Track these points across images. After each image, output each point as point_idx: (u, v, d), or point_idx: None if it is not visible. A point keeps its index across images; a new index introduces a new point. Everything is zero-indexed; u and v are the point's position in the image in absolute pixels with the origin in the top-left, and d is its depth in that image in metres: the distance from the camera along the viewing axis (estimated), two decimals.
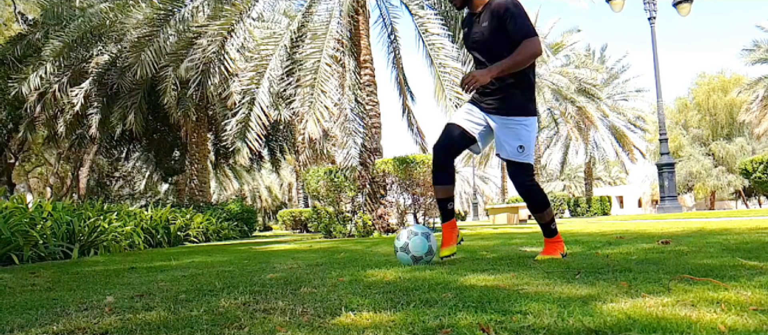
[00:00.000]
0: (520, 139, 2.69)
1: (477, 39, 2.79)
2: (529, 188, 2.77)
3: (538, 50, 2.59)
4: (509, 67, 2.59)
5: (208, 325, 1.41)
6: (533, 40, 2.57)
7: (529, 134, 2.72)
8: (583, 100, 25.03)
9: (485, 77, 2.57)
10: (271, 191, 44.40)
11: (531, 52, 2.58)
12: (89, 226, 5.96)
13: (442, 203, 2.85)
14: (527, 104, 2.71)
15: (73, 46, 12.60)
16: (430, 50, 9.47)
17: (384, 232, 8.74)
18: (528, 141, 2.71)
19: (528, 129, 2.71)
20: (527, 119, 2.71)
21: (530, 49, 2.56)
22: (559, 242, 2.85)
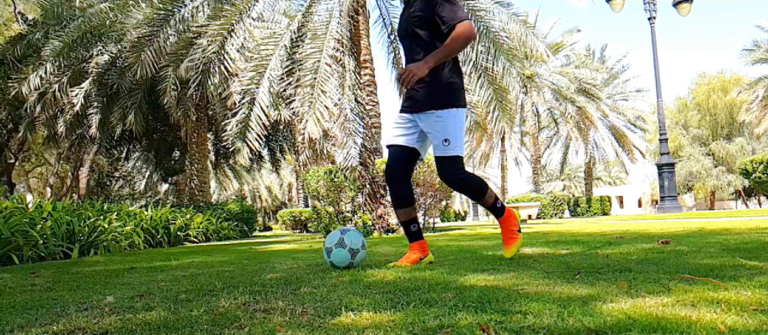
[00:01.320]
0: (445, 132, 2.60)
1: (405, 27, 2.72)
2: (463, 181, 2.69)
3: (472, 34, 2.53)
4: (445, 55, 2.53)
5: (208, 325, 1.41)
6: (466, 23, 2.51)
7: (455, 126, 2.62)
8: (583, 100, 25.04)
9: (422, 70, 2.50)
10: (271, 191, 44.39)
11: (465, 37, 2.51)
12: (89, 226, 5.96)
13: (405, 225, 2.82)
14: (451, 94, 2.63)
15: (73, 46, 12.60)
16: None
17: (384, 232, 8.74)
18: (454, 133, 2.62)
19: (454, 121, 2.62)
20: (451, 110, 2.62)
21: (464, 34, 2.50)
22: (511, 215, 2.79)
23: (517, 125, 26.62)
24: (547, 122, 28.62)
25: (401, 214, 2.79)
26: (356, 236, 2.75)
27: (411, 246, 2.82)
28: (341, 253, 2.70)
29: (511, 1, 9.82)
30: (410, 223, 2.79)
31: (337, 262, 2.71)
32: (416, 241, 2.81)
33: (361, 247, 2.73)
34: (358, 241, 2.73)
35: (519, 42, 10.13)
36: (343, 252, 2.69)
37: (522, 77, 18.83)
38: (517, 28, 9.84)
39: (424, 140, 2.77)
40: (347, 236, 2.71)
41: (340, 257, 2.70)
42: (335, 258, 2.71)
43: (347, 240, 2.70)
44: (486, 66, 9.83)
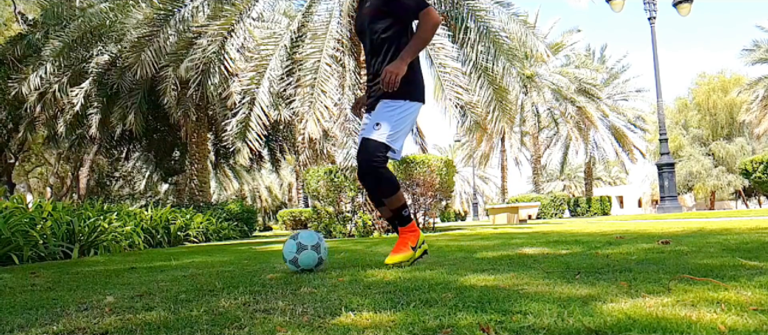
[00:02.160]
0: (382, 117, 2.50)
1: (362, 23, 2.66)
2: (374, 170, 2.50)
3: (438, 19, 2.47)
4: (418, 47, 2.48)
5: (208, 325, 1.41)
6: (429, 10, 2.44)
7: (395, 116, 2.50)
8: (583, 100, 25.05)
9: (401, 67, 2.43)
10: (271, 191, 44.40)
11: (432, 24, 2.46)
12: (89, 226, 5.96)
13: (390, 220, 2.77)
14: (404, 87, 2.51)
15: (73, 46, 12.61)
16: (430, 50, 9.48)
17: (384, 232, 8.74)
18: (391, 121, 2.48)
19: (398, 111, 2.50)
20: (399, 101, 2.52)
21: (430, 21, 2.45)
22: (416, 232, 2.60)
23: (517, 125, 26.63)
24: (547, 122, 28.63)
25: (382, 211, 2.71)
26: (308, 234, 2.72)
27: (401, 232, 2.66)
28: (308, 254, 2.65)
29: (511, 1, 9.84)
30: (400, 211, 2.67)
31: (306, 265, 2.66)
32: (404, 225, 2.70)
33: (319, 239, 2.69)
34: (312, 237, 2.69)
35: (519, 42, 10.13)
36: (309, 253, 2.65)
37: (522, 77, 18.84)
38: (517, 28, 9.84)
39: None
40: (301, 239, 2.67)
41: (308, 259, 2.65)
42: (304, 262, 2.65)
43: (304, 241, 2.67)
44: (486, 66, 9.83)
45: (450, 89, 9.19)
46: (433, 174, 8.61)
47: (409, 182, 8.74)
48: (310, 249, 2.66)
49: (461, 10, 9.87)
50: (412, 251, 2.56)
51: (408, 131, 2.60)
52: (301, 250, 2.66)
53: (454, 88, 9.17)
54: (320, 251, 2.67)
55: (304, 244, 2.67)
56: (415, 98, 2.57)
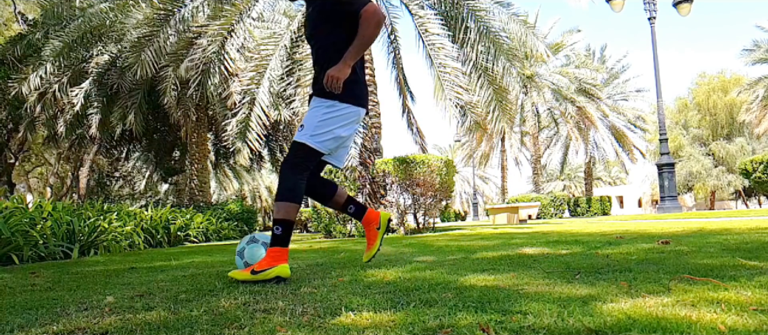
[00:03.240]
0: (307, 117, 2.40)
1: (311, 26, 2.54)
2: (283, 172, 2.37)
3: (381, 14, 2.32)
4: (361, 47, 2.35)
5: (208, 325, 1.41)
6: (369, 7, 2.31)
7: (320, 116, 2.37)
8: (583, 100, 25.05)
9: (344, 71, 2.31)
10: (271, 191, 44.39)
11: (375, 21, 2.31)
12: (89, 226, 5.96)
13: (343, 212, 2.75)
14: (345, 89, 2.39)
15: (73, 46, 12.61)
16: (430, 50, 9.48)
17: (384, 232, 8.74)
18: (314, 121, 2.36)
19: (323, 110, 2.37)
20: (328, 100, 2.38)
21: (373, 18, 2.31)
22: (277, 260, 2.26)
23: (517, 125, 26.64)
24: (547, 122, 28.64)
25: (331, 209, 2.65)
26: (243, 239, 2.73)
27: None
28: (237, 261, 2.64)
29: (511, 1, 9.84)
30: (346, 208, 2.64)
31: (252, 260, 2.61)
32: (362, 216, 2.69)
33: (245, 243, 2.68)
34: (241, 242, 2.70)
35: (519, 42, 10.13)
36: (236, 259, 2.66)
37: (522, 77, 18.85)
38: (517, 28, 9.84)
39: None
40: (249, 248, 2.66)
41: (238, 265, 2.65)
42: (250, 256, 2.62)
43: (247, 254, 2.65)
44: (486, 66, 9.83)
45: (450, 88, 9.19)
46: (433, 174, 8.61)
47: (409, 182, 8.73)
48: (236, 256, 2.66)
49: (461, 10, 9.87)
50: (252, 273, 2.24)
51: (341, 134, 2.41)
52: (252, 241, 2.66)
53: (454, 88, 9.17)
54: (244, 256, 2.61)
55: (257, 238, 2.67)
56: (347, 100, 2.39)
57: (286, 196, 2.32)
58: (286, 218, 2.31)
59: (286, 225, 2.31)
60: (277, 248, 2.29)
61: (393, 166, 8.75)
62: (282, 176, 2.37)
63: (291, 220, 2.32)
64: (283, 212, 2.30)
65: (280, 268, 2.24)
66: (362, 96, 2.47)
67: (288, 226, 2.31)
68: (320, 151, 2.36)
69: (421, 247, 4.32)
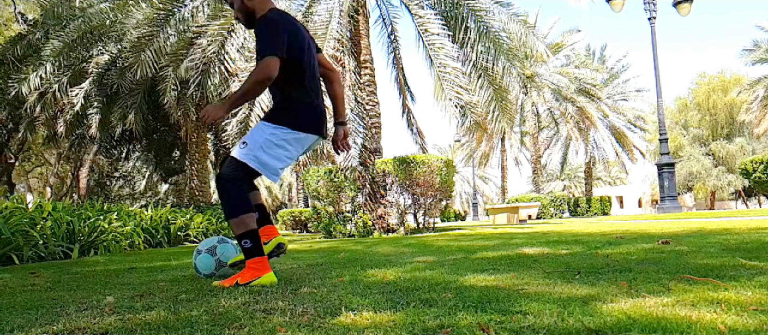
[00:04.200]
0: (248, 135, 2.43)
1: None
2: (222, 184, 2.39)
3: (268, 73, 2.25)
4: (239, 97, 2.36)
5: (208, 325, 1.41)
6: (265, 61, 2.25)
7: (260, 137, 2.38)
8: (583, 100, 25.05)
9: (218, 111, 2.34)
10: (271, 192, 44.40)
11: (256, 78, 2.26)
12: (89, 226, 5.96)
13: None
14: (276, 112, 2.45)
15: (73, 46, 12.60)
16: (430, 50, 9.48)
17: (384, 232, 8.74)
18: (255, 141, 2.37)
19: (264, 132, 2.39)
20: (268, 122, 2.42)
21: (257, 74, 2.26)
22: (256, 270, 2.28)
23: (517, 125, 26.65)
24: (547, 122, 28.63)
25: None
26: (208, 240, 2.72)
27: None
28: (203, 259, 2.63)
29: (511, 1, 9.83)
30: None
31: (204, 269, 2.64)
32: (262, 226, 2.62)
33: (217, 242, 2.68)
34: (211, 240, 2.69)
35: (519, 42, 10.13)
36: (204, 257, 2.64)
37: (522, 77, 18.84)
38: (517, 28, 9.84)
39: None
40: (201, 244, 2.68)
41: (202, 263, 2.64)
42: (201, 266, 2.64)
43: (201, 246, 2.67)
44: (486, 66, 9.83)
45: (450, 88, 9.19)
46: (433, 174, 8.61)
47: (409, 182, 8.73)
48: (204, 253, 2.64)
49: (461, 10, 9.87)
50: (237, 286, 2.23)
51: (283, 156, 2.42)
52: (197, 255, 2.66)
53: (454, 88, 9.17)
54: (216, 253, 2.62)
55: (200, 248, 2.66)
56: (287, 123, 2.40)
57: (236, 212, 2.32)
58: (247, 229, 2.31)
59: (251, 236, 2.31)
60: (255, 259, 2.29)
61: (393, 166, 8.74)
62: (223, 193, 2.37)
63: (253, 229, 2.33)
64: (242, 227, 2.30)
65: (266, 278, 2.26)
66: (311, 123, 2.47)
67: (254, 235, 2.32)
68: (258, 171, 2.38)
69: (421, 247, 4.32)
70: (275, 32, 2.31)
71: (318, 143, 2.57)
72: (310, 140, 2.50)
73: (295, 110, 2.46)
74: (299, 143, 2.47)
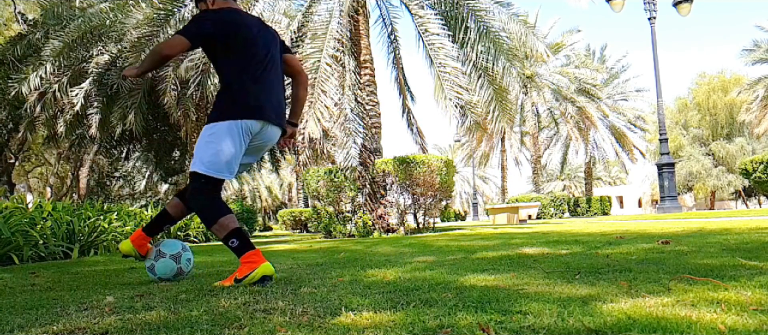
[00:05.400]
0: (196, 146, 2.48)
1: None
2: (190, 202, 2.48)
3: (166, 49, 2.39)
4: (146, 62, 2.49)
5: (208, 325, 1.41)
6: (172, 38, 2.41)
7: (204, 140, 2.45)
8: (583, 100, 25.05)
9: (131, 70, 2.51)
10: (271, 191, 44.40)
11: (157, 48, 2.43)
12: (89, 226, 5.96)
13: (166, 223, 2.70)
14: (215, 109, 2.50)
15: (73, 46, 12.59)
16: (430, 50, 9.48)
17: (384, 232, 8.74)
18: (201, 147, 2.44)
19: (206, 135, 2.46)
20: (208, 126, 2.47)
21: (157, 46, 2.44)
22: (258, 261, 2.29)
23: (517, 125, 26.64)
24: (547, 122, 28.63)
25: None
26: (172, 243, 2.69)
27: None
28: (165, 263, 2.58)
29: (511, 1, 9.83)
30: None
31: (163, 274, 2.58)
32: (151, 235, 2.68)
33: (181, 249, 2.64)
34: (176, 246, 2.65)
35: (519, 42, 10.13)
36: (166, 261, 2.58)
37: (522, 77, 18.85)
38: (517, 28, 9.84)
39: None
40: (162, 247, 2.63)
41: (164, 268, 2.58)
42: (161, 271, 2.58)
43: (164, 249, 2.61)
44: (486, 66, 9.83)
45: (450, 88, 9.19)
46: (433, 174, 8.61)
47: (409, 182, 8.74)
48: (168, 258, 2.59)
49: (461, 10, 9.87)
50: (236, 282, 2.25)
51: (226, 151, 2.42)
52: (158, 257, 2.59)
53: (454, 88, 9.17)
54: (180, 261, 2.59)
55: (163, 252, 2.60)
56: (217, 118, 2.46)
57: (213, 218, 2.36)
58: (229, 229, 2.34)
59: (236, 234, 2.34)
60: (246, 254, 2.30)
61: (393, 166, 8.74)
62: (195, 209, 2.47)
63: (235, 228, 2.35)
64: (224, 230, 2.33)
65: (262, 268, 2.26)
66: (243, 109, 2.48)
67: (238, 233, 2.34)
68: (213, 176, 2.40)
69: (421, 247, 4.32)
70: (196, 22, 2.46)
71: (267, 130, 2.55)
72: (250, 125, 2.48)
73: (223, 103, 2.52)
74: (236, 131, 2.45)
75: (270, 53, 2.62)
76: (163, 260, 2.58)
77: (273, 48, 2.65)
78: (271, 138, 2.60)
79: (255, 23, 2.64)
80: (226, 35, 2.48)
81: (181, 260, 2.61)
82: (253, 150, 2.60)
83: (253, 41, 2.55)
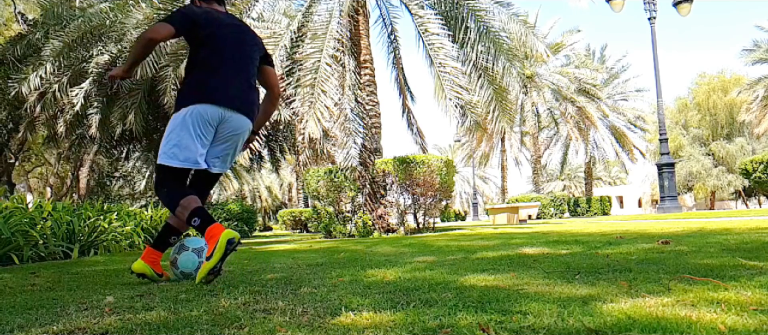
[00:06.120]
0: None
1: None
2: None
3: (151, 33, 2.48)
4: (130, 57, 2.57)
5: (208, 325, 1.41)
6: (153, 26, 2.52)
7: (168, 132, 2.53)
8: (583, 100, 25.05)
9: (117, 71, 2.58)
10: (271, 191, 44.39)
11: (142, 34, 2.52)
12: (89, 226, 5.96)
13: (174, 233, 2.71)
14: (179, 99, 2.57)
15: (73, 46, 12.59)
16: (430, 50, 9.48)
17: (384, 232, 8.74)
18: (165, 139, 2.51)
19: (170, 126, 2.54)
20: (172, 117, 2.55)
21: (142, 34, 2.53)
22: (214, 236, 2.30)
23: (517, 125, 26.63)
24: (547, 122, 28.63)
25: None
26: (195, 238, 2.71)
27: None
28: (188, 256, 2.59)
29: (511, 1, 9.83)
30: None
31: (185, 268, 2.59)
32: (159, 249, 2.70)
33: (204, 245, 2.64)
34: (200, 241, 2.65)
35: (519, 42, 10.13)
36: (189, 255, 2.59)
37: (522, 77, 18.85)
38: (517, 28, 9.84)
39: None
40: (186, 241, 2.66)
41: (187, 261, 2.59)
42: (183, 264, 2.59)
43: (187, 244, 2.63)
44: (486, 66, 9.82)
45: (450, 88, 9.19)
46: (433, 174, 8.61)
47: (409, 182, 8.73)
48: (191, 251, 2.60)
49: (461, 10, 9.87)
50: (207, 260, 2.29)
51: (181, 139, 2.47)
52: (181, 251, 2.60)
53: (454, 88, 9.17)
54: (202, 255, 2.57)
55: (186, 245, 2.62)
56: (179, 106, 2.52)
57: (175, 202, 2.43)
58: (191, 209, 2.39)
59: (197, 212, 2.38)
60: (208, 229, 2.32)
61: (393, 166, 8.74)
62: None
63: (196, 206, 2.40)
64: (185, 210, 2.39)
65: (224, 235, 2.26)
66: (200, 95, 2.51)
67: (199, 212, 2.39)
68: (172, 165, 2.45)
69: (421, 247, 4.32)
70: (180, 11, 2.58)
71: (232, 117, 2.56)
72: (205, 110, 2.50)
73: (181, 94, 2.62)
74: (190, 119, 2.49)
75: (244, 54, 2.68)
76: (185, 253, 2.60)
77: (250, 50, 2.72)
78: (239, 126, 2.61)
79: (232, 24, 2.72)
80: (202, 27, 2.57)
81: (203, 254, 2.60)
82: (223, 139, 2.62)
83: (224, 38, 2.62)
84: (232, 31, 2.67)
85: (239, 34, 2.70)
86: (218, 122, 2.53)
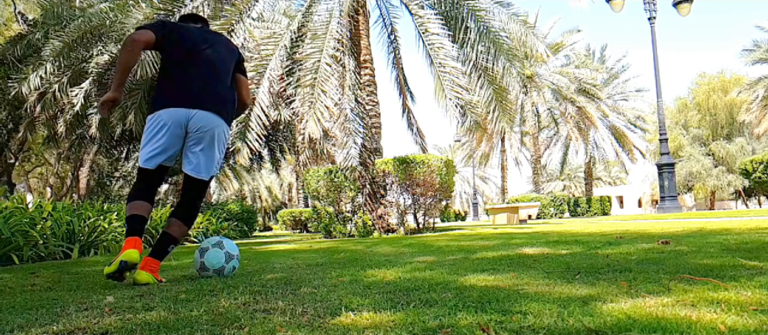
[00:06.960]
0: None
1: None
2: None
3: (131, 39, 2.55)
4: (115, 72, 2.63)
5: (208, 325, 1.41)
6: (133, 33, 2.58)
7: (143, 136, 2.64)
8: (583, 100, 25.04)
9: (108, 95, 2.60)
10: (271, 192, 44.39)
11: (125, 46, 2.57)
12: (89, 226, 5.96)
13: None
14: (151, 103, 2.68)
15: (73, 46, 12.59)
16: (430, 50, 9.48)
17: (384, 232, 8.74)
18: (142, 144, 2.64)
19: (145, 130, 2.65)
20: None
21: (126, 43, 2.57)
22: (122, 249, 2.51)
23: (517, 125, 26.63)
24: (547, 122, 28.63)
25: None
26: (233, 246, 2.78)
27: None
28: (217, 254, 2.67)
29: (511, 1, 9.82)
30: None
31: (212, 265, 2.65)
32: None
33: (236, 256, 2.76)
34: (234, 249, 2.75)
35: (519, 42, 10.12)
36: (219, 253, 2.67)
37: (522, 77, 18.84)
38: (517, 28, 9.84)
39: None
40: (226, 241, 2.75)
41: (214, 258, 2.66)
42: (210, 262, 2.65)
43: (226, 244, 2.72)
44: (486, 66, 9.82)
45: (450, 88, 9.19)
46: (433, 174, 8.61)
47: (409, 182, 8.73)
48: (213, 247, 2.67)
49: (461, 10, 9.86)
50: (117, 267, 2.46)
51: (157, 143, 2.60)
52: (203, 252, 2.67)
53: (454, 88, 9.17)
54: (224, 246, 2.69)
55: (204, 247, 2.69)
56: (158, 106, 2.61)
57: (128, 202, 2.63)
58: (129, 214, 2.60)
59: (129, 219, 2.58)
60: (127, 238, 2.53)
61: (393, 166, 8.74)
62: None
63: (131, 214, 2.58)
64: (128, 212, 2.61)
65: (124, 255, 2.44)
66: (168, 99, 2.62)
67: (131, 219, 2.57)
68: (145, 167, 2.60)
69: (421, 247, 4.32)
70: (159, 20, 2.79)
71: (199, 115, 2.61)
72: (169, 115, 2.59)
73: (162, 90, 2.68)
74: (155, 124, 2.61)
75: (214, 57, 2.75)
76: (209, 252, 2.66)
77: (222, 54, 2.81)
78: (207, 123, 2.64)
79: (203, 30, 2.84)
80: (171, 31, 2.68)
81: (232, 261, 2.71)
82: (196, 139, 2.65)
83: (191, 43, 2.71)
84: (202, 37, 2.77)
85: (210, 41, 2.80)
86: (185, 121, 2.59)
